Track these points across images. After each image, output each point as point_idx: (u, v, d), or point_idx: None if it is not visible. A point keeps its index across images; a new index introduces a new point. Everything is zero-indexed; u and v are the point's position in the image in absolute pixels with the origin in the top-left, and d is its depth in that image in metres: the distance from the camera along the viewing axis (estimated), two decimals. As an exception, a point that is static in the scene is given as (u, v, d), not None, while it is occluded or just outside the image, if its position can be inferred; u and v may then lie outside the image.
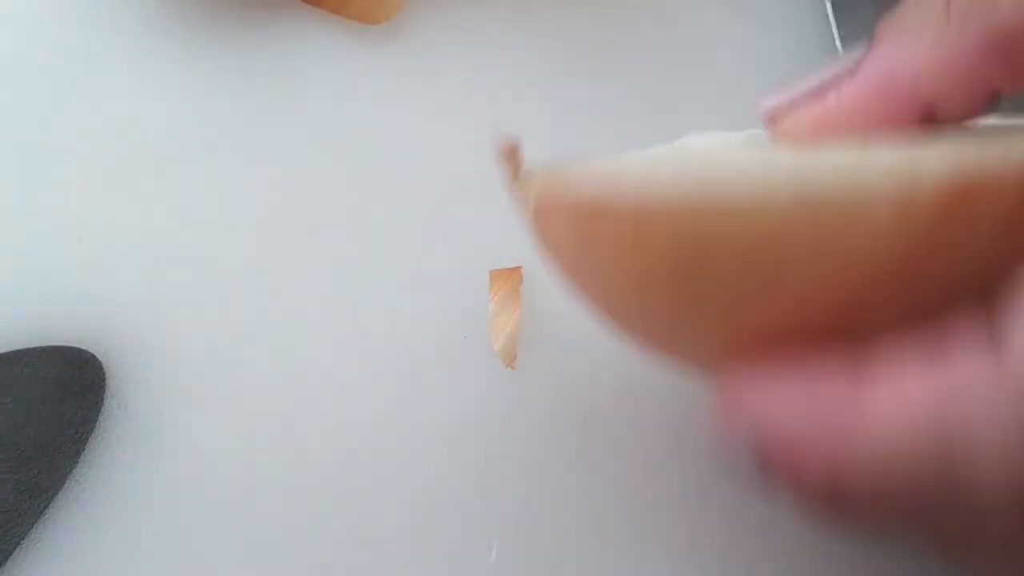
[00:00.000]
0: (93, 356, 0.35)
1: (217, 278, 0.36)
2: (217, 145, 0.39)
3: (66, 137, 0.39)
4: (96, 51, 0.41)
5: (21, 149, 0.39)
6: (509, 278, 0.36)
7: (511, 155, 0.26)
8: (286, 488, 0.33)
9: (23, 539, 0.32)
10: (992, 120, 0.27)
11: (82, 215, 0.37)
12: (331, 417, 0.34)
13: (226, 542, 0.32)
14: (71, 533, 0.32)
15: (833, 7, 0.41)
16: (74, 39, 0.41)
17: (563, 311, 0.33)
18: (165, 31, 0.41)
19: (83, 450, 0.33)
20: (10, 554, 0.32)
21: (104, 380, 0.34)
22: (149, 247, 0.37)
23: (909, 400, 0.20)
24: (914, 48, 0.24)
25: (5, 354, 0.34)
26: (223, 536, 0.32)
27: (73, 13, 0.42)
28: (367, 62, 0.40)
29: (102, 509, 0.33)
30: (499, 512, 0.32)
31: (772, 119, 0.26)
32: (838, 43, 0.40)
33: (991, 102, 0.24)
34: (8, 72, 0.40)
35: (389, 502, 0.33)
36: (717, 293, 0.23)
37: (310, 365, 0.34)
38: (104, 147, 0.39)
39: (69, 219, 0.37)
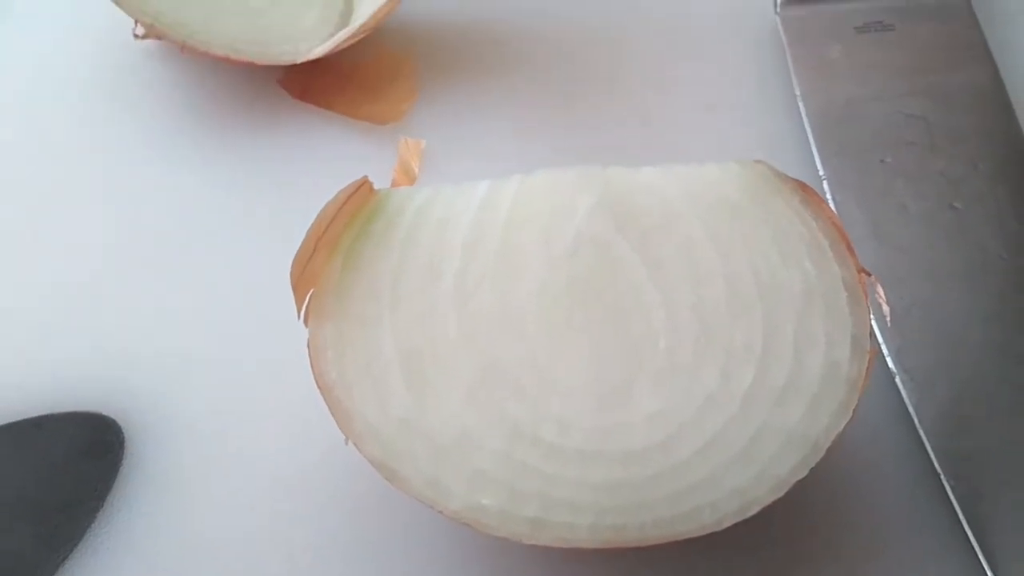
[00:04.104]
0: (113, 420, 0.38)
1: (227, 349, 0.40)
2: (232, 230, 0.43)
3: (87, 221, 0.44)
4: (120, 144, 0.46)
5: (47, 232, 0.43)
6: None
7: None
8: (291, 541, 0.36)
9: (42, 588, 0.35)
10: None
11: (103, 293, 0.42)
12: (340, 474, 0.37)
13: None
14: (87, 584, 0.35)
15: (805, 106, 0.46)
16: (100, 132, 0.47)
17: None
18: (190, 128, 0.47)
19: (101, 506, 0.36)
20: (29, 601, 0.34)
21: (123, 442, 0.38)
22: (165, 320, 0.41)
23: None
24: None
25: (33, 419, 0.38)
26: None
27: (100, 107, 0.47)
28: (378, 162, 0.45)
29: (118, 562, 0.35)
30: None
31: None
32: (809, 134, 0.45)
33: None
34: (35, 160, 0.46)
35: (399, 551, 0.35)
36: None
37: (317, 424, 0.37)
38: (122, 231, 0.43)
39: (91, 296, 0.42)
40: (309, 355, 0.32)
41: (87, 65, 0.49)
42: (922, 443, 0.37)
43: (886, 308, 0.33)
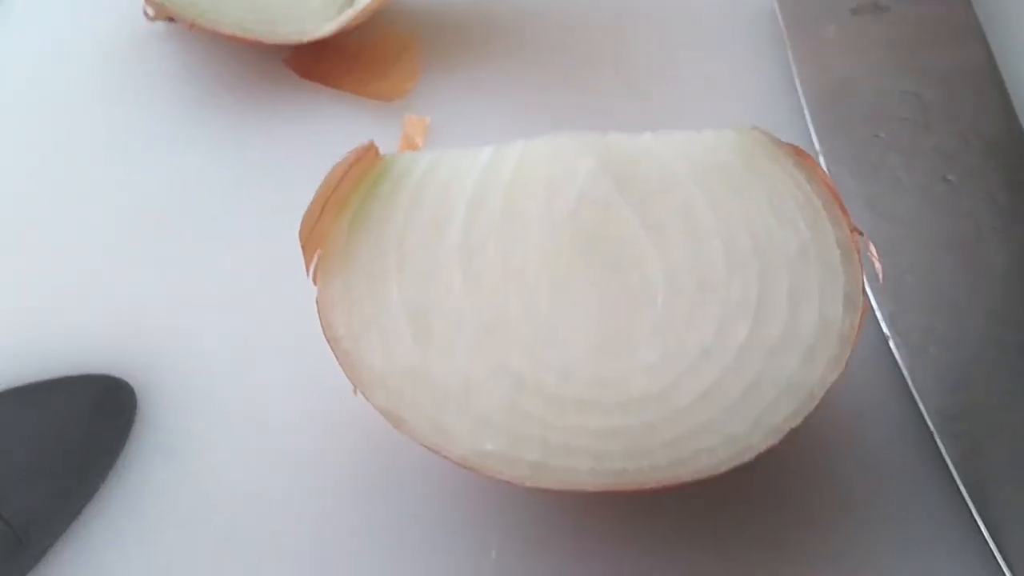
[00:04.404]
0: (125, 382, 0.39)
1: (235, 316, 0.41)
2: (240, 202, 0.45)
3: (100, 193, 0.45)
4: (130, 122, 0.48)
5: (60, 205, 0.45)
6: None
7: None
8: (298, 496, 0.37)
9: (55, 541, 0.36)
10: None
11: (115, 262, 0.43)
12: (346, 434, 0.38)
13: (243, 552, 0.36)
14: (99, 537, 0.36)
15: (801, 85, 0.47)
16: (114, 116, 0.48)
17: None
18: (197, 106, 0.48)
19: (114, 464, 0.38)
20: (44, 553, 0.35)
21: (135, 404, 0.39)
22: (175, 287, 0.42)
23: None
24: None
25: (48, 381, 0.39)
26: (241, 546, 0.36)
27: (110, 88, 0.49)
28: (383, 138, 0.46)
29: (130, 516, 0.37)
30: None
31: None
32: (806, 111, 0.46)
33: None
34: (48, 138, 0.47)
35: (405, 508, 0.36)
36: None
37: (325, 382, 0.38)
38: (133, 205, 0.45)
39: (103, 266, 0.43)
40: (318, 310, 0.33)
41: (96, 48, 0.51)
42: (915, 403, 0.38)
43: (878, 265, 0.35)
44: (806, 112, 0.47)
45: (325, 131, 0.47)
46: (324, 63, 0.49)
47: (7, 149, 0.47)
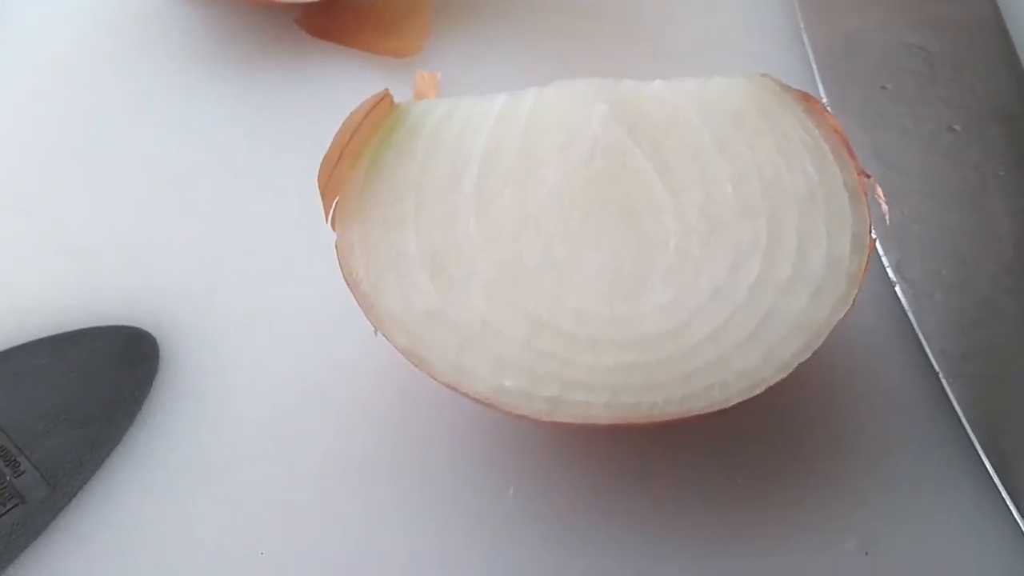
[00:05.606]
0: (148, 333, 0.41)
1: (253, 268, 0.43)
2: (256, 158, 0.46)
3: (120, 153, 0.47)
4: (148, 83, 0.49)
5: (83, 165, 0.46)
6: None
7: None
8: (317, 441, 0.38)
9: (84, 484, 0.37)
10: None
11: (137, 217, 0.44)
12: (365, 380, 0.39)
13: (262, 491, 0.37)
14: (126, 481, 0.37)
15: (809, 39, 0.48)
16: (130, 76, 0.49)
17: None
18: (211, 66, 0.49)
19: (139, 411, 0.39)
20: (72, 497, 0.37)
21: (158, 354, 0.40)
22: (195, 240, 0.43)
23: None
24: None
25: (74, 332, 0.41)
26: (259, 485, 0.38)
27: (127, 49, 0.50)
28: (395, 95, 0.48)
29: (155, 461, 0.38)
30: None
31: None
32: (813, 65, 0.47)
33: None
34: (69, 101, 0.48)
35: (425, 449, 0.38)
36: None
37: (344, 328, 0.39)
38: (153, 162, 0.46)
39: (126, 220, 0.44)
40: (337, 255, 0.35)
41: (112, 8, 0.52)
42: (921, 345, 0.39)
43: (885, 207, 0.36)
44: (813, 65, 0.48)
45: (337, 89, 0.48)
46: (335, 21, 0.50)
47: (27, 110, 0.49)
